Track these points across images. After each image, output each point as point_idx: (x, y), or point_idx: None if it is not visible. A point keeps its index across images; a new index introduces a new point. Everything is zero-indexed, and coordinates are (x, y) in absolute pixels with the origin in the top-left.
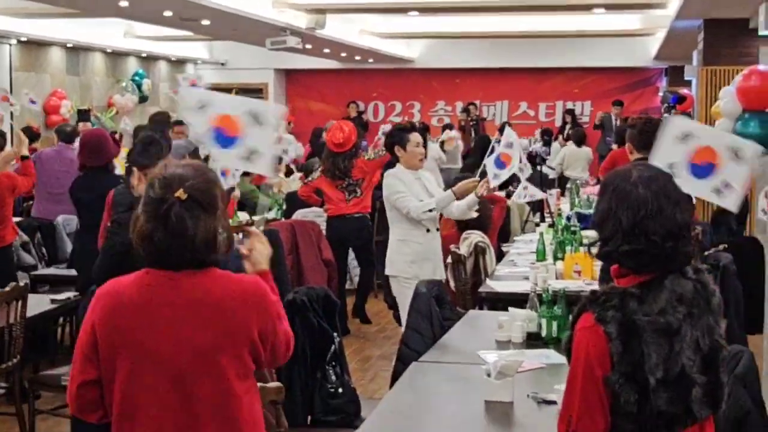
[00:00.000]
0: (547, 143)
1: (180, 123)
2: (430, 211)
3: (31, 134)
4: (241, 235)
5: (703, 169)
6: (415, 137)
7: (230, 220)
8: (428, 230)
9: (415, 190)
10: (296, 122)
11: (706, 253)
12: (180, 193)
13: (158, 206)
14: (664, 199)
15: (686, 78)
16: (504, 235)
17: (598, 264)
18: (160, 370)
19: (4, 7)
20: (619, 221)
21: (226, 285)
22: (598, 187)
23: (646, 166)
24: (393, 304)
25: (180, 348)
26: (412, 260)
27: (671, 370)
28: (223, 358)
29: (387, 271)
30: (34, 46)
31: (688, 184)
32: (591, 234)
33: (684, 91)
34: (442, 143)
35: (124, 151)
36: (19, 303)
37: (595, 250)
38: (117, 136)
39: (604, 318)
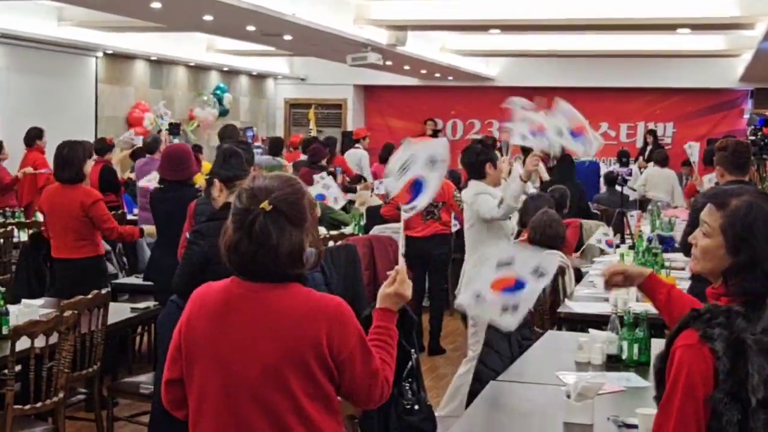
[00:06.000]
0: (625, 164)
1: None
2: (499, 205)
3: (105, 146)
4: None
5: None
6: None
7: None
8: None
9: None
10: (374, 138)
11: None
12: (265, 205)
13: (244, 217)
14: None
15: None
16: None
17: (680, 287)
18: (229, 380)
19: (90, 21)
20: None
21: (303, 300)
22: (679, 210)
23: (744, 189)
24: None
25: (249, 360)
26: None
27: None
28: (289, 374)
29: None
30: (119, 59)
31: None
32: (672, 257)
33: None
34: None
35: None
36: (101, 311)
37: (744, 287)
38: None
39: (711, 335)
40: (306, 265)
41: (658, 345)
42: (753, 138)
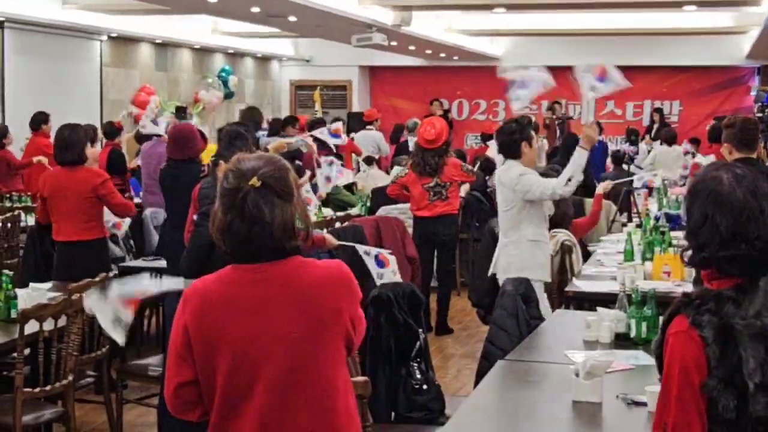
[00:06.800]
0: (634, 143)
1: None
2: (569, 180)
3: (113, 129)
4: (324, 230)
5: None
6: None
7: (315, 216)
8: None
9: None
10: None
11: None
12: (254, 181)
13: (234, 196)
14: (764, 200)
15: None
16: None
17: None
18: (258, 364)
19: (95, 4)
20: (717, 227)
21: (310, 271)
22: (686, 187)
23: (734, 165)
24: (477, 303)
25: (273, 340)
26: (546, 262)
27: None
28: (317, 347)
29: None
30: (123, 42)
31: None
32: (681, 235)
33: None
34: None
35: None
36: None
37: (687, 256)
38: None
39: (700, 322)
40: (298, 237)
41: None
42: (760, 115)
